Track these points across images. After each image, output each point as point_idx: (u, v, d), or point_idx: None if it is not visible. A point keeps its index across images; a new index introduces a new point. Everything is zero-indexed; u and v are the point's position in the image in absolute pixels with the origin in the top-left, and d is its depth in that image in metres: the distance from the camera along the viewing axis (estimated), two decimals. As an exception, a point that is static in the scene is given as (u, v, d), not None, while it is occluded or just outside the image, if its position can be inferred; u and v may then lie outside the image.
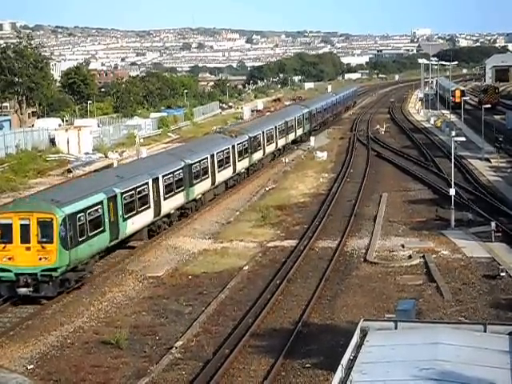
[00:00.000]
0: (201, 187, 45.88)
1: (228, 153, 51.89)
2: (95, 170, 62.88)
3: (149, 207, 37.73)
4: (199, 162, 45.56)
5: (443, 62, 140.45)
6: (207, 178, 46.90)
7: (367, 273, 33.38)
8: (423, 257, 35.21)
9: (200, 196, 46.15)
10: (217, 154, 49.11)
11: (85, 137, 77.94)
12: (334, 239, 39.22)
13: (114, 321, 28.50)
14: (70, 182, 53.85)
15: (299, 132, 78.57)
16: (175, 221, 42.50)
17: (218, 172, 49.10)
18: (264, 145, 62.69)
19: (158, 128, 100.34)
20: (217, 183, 49.04)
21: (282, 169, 64.46)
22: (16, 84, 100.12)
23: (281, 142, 69.79)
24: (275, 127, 67.32)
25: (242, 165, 55.52)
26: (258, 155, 60.59)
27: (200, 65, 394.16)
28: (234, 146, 53.23)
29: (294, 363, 23.69)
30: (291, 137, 74.87)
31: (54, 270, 29.93)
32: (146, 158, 57.15)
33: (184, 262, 36.43)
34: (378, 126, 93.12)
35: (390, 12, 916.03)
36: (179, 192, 41.68)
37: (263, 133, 62.77)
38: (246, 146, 56.54)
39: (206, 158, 46.99)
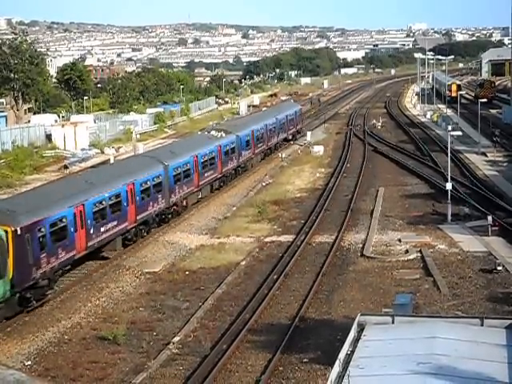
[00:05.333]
0: None
1: None
2: (91, 166, 62.79)
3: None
4: None
5: (439, 57, 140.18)
6: None
7: (364, 267, 33.40)
8: (420, 251, 35.25)
9: None
10: None
11: (81, 133, 77.85)
12: (331, 234, 39.22)
13: (111, 316, 28.49)
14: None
15: None
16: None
17: None
18: None
19: (155, 124, 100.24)
20: None
21: (278, 164, 64.41)
22: (12, 80, 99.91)
23: None
24: None
25: None
26: None
27: (196, 60, 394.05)
28: None
29: (291, 358, 23.70)
30: None
31: None
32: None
33: (181, 258, 36.44)
34: (374, 121, 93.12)
35: (386, 7, 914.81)
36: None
37: None
38: None
39: None
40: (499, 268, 31.64)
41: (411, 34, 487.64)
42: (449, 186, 41.80)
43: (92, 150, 76.04)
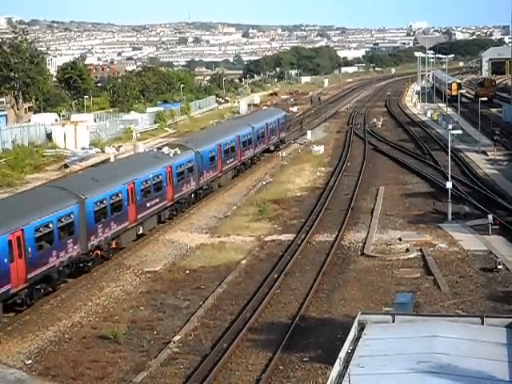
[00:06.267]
0: None
1: None
2: (89, 164, 62.77)
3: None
4: None
5: (440, 55, 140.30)
6: None
7: (364, 266, 33.41)
8: (420, 250, 35.25)
9: None
10: None
11: (81, 132, 77.87)
12: (332, 233, 39.23)
13: (111, 315, 28.51)
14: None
15: None
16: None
17: None
18: None
19: (155, 122, 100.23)
20: None
21: (278, 163, 64.40)
22: (12, 79, 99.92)
23: None
24: None
25: None
26: None
27: (196, 59, 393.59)
28: None
29: (291, 357, 23.71)
30: None
31: None
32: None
33: (181, 257, 36.44)
34: (374, 120, 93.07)
35: (386, 5, 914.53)
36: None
37: None
38: None
39: None
40: (499, 267, 31.65)
41: (411, 33, 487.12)
42: (449, 184, 41.80)
43: (92, 149, 76.05)
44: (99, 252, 34.17)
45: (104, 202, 34.27)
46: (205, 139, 51.78)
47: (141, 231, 38.69)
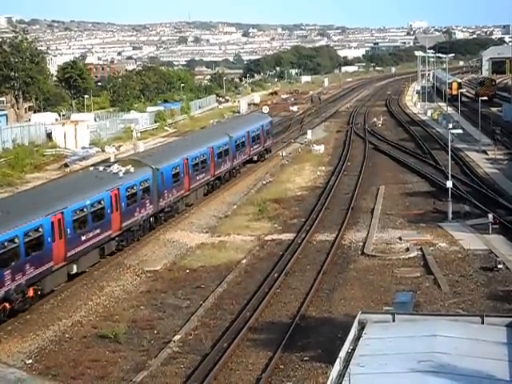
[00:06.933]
0: None
1: None
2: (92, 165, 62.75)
3: None
4: None
5: (440, 55, 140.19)
6: None
7: (365, 266, 33.41)
8: (421, 249, 35.24)
9: None
10: None
11: (81, 131, 77.92)
12: (332, 232, 39.23)
13: (112, 315, 28.50)
14: None
15: None
16: None
17: None
18: None
19: (155, 122, 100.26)
20: None
21: (279, 162, 64.39)
22: (12, 79, 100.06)
23: None
24: None
25: None
26: None
27: (196, 58, 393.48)
28: None
29: (292, 356, 23.71)
30: None
31: None
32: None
33: (182, 256, 36.45)
34: (374, 119, 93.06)
35: (387, 5, 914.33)
36: None
37: None
38: None
39: None
40: (500, 266, 31.65)
41: (412, 32, 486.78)
42: (449, 183, 41.81)
43: (93, 148, 76.11)
44: (7, 305, 27.26)
45: (15, 240, 27.40)
46: (167, 153, 45.44)
47: (75, 270, 32.04)
